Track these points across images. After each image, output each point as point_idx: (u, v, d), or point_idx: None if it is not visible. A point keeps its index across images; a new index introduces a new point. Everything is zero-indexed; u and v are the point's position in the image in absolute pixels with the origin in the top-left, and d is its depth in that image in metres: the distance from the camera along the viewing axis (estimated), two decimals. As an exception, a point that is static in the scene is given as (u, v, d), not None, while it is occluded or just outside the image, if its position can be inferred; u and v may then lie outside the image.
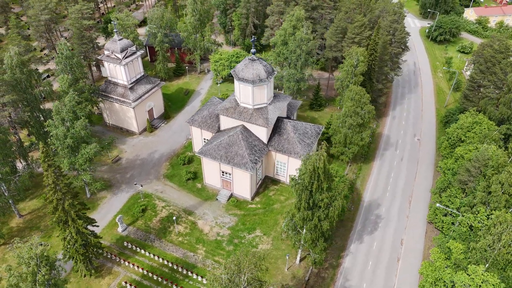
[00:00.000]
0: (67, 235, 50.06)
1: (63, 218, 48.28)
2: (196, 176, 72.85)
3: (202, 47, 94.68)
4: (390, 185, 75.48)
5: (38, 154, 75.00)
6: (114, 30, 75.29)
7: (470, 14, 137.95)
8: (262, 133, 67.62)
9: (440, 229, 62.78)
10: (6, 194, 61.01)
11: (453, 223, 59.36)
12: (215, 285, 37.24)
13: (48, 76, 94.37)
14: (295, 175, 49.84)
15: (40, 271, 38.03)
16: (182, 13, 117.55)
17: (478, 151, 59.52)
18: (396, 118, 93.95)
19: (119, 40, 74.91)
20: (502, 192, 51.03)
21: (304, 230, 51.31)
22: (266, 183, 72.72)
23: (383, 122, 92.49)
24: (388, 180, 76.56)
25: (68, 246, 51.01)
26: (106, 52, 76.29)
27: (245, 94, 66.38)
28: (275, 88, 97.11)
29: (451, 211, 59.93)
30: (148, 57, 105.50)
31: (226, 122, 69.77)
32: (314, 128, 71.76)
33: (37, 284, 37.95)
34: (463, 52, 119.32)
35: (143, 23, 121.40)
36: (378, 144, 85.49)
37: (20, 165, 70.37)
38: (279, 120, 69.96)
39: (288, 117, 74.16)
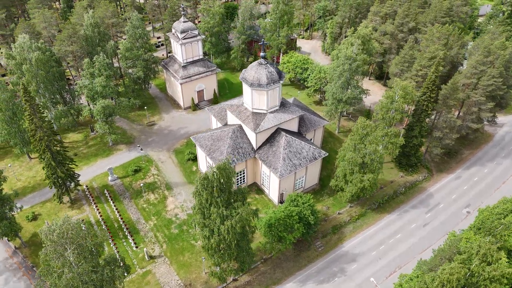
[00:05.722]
0: (45, 162, 61.43)
1: (37, 146, 59.44)
2: (197, 159, 76.26)
3: (277, 46, 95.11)
4: (386, 245, 63.78)
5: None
6: (182, 13, 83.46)
7: None
8: (252, 137, 66.16)
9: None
10: (52, 121, 77.11)
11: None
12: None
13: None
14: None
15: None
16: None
17: (452, 238, 45.70)
18: (460, 179, 76.54)
19: (183, 22, 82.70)
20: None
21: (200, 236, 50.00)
22: (252, 190, 70.86)
23: (438, 177, 76.75)
24: (388, 239, 64.70)
25: (44, 171, 62.59)
26: (172, 30, 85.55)
27: (246, 95, 65.90)
28: (321, 101, 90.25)
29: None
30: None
31: (230, 118, 70.61)
32: (314, 151, 65.92)
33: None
34: None
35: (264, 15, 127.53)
36: (410, 199, 72.03)
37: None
38: (277, 131, 66.82)
39: (299, 133, 69.90)
